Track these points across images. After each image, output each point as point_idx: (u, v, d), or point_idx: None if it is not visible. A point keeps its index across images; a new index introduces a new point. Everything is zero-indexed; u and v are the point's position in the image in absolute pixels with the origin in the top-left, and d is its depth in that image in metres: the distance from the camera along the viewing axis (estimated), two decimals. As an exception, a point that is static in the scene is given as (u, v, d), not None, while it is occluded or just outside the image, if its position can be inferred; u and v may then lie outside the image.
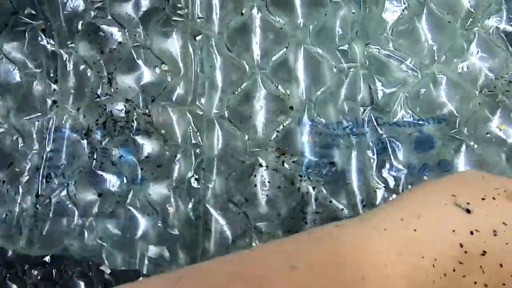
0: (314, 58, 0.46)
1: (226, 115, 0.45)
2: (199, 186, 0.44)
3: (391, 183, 0.43)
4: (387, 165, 0.43)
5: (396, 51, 0.45)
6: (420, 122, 0.44)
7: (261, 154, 0.44)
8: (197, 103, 0.46)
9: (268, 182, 0.43)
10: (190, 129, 0.45)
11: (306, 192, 0.43)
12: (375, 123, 0.44)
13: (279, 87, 0.45)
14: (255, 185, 0.43)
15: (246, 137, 0.45)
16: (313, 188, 0.43)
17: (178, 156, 0.44)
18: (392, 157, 0.43)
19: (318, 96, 0.45)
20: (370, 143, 0.44)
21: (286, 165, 0.44)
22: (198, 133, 0.45)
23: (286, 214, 0.43)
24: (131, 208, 0.44)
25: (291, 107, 0.45)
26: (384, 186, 0.43)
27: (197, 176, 0.44)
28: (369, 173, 0.43)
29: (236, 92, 0.46)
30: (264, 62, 0.46)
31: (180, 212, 0.44)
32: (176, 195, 0.44)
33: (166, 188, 0.44)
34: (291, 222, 0.43)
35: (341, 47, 0.46)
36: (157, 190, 0.44)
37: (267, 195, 0.43)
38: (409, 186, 0.43)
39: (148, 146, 0.45)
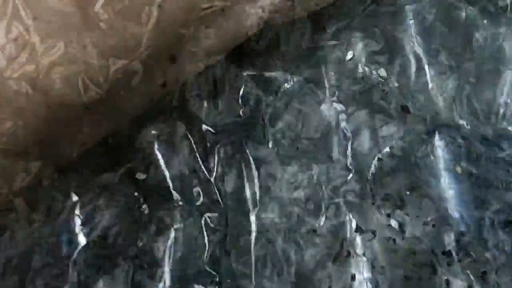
0: (448, 17, 0.23)
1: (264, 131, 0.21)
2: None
3: None
4: None
5: None
6: None
7: (351, 207, 0.20)
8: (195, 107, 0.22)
9: (380, 267, 0.19)
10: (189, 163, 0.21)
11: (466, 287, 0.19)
12: None
13: (374, 69, 0.22)
14: (352, 278, 0.19)
15: (315, 171, 0.21)
16: (481, 277, 0.19)
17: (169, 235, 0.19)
18: None
19: (463, 84, 0.22)
20: None
21: (408, 229, 0.20)
22: (212, 184, 0.20)
23: None
24: None
25: (405, 108, 0.22)
26: None
27: (218, 278, 0.19)
28: None
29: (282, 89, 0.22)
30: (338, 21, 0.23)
31: None
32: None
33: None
34: None
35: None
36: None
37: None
38: None
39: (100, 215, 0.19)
